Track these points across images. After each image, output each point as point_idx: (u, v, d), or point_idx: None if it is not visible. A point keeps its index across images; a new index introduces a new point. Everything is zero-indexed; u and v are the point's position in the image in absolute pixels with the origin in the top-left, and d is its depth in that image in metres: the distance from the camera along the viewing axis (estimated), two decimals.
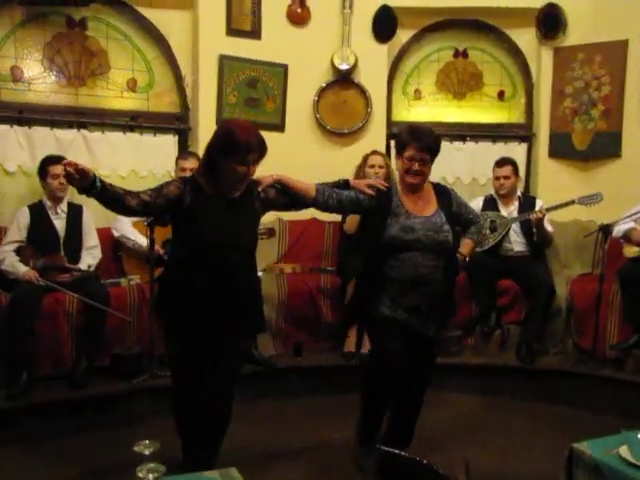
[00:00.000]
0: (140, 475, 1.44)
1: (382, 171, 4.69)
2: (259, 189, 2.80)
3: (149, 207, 2.60)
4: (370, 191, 3.02)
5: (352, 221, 4.41)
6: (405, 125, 3.16)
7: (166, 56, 4.95)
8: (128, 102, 4.89)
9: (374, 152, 4.85)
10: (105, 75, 4.78)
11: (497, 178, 4.76)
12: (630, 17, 5.01)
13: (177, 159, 4.59)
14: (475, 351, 4.62)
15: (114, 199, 2.53)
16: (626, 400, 3.97)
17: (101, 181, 2.45)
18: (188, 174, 4.34)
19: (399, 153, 3.03)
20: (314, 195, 2.93)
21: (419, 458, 1.72)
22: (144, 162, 4.88)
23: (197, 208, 2.64)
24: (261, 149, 2.66)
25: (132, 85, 4.88)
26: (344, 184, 3.08)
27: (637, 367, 4.10)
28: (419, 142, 2.94)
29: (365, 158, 4.79)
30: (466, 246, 3.26)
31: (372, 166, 4.70)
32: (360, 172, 4.75)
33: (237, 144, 2.59)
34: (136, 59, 4.88)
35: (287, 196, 2.91)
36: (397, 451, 1.72)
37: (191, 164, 4.45)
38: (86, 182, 2.41)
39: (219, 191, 2.69)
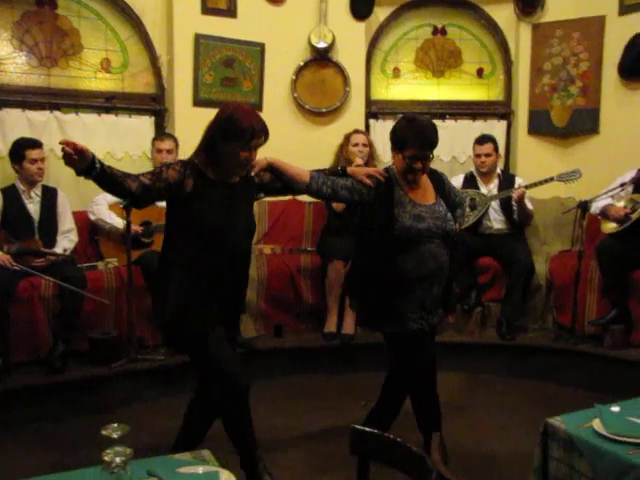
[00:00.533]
0: (106, 459, 1.42)
1: (366, 150, 4.66)
2: (252, 173, 2.72)
3: (149, 191, 2.49)
4: (369, 181, 2.89)
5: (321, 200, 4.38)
6: (400, 118, 2.93)
7: (140, 36, 4.86)
8: (102, 83, 4.80)
9: (356, 131, 4.82)
10: (78, 55, 4.68)
11: (478, 156, 4.75)
12: None
13: (153, 140, 4.56)
14: (456, 329, 4.63)
15: (114, 182, 2.42)
16: (604, 375, 4.02)
17: (100, 162, 2.34)
18: (165, 155, 4.35)
19: (397, 149, 2.85)
20: (308, 181, 2.81)
21: (393, 436, 1.71)
22: (120, 144, 4.81)
23: (200, 193, 2.55)
24: (265, 134, 2.58)
25: (106, 65, 4.80)
26: (342, 172, 2.97)
27: (615, 342, 4.13)
28: (422, 142, 2.79)
29: (347, 137, 4.75)
30: None
31: (355, 144, 4.67)
32: (343, 151, 4.72)
33: (241, 130, 2.51)
34: (109, 39, 4.79)
35: (279, 181, 2.82)
36: (370, 429, 1.72)
37: (167, 145, 4.44)
38: (85, 163, 2.29)
39: (220, 176, 2.62)
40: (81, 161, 2.28)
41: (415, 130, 2.80)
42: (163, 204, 4.31)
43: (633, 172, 4.21)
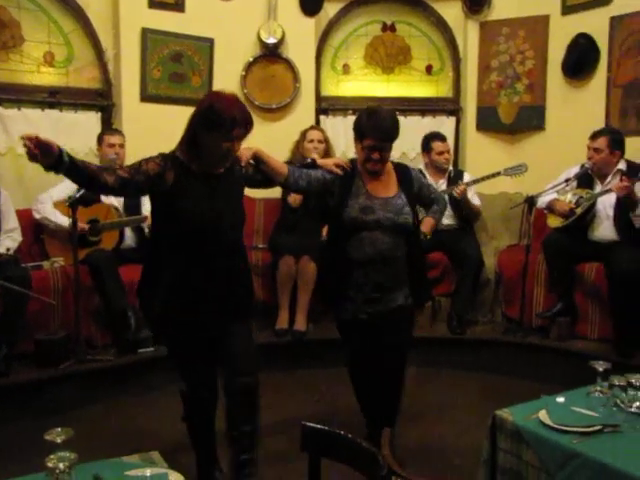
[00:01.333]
0: (50, 465, 1.38)
1: (321, 146, 4.67)
2: (242, 164, 2.66)
3: (127, 184, 2.39)
4: (338, 170, 2.94)
5: (298, 195, 4.38)
6: (364, 109, 2.98)
7: (85, 29, 4.74)
8: (46, 77, 4.67)
9: (312, 127, 4.84)
10: (19, 48, 4.53)
11: (441, 153, 4.80)
12: None
13: (102, 135, 4.44)
14: None
15: (87, 176, 2.32)
16: (550, 366, 4.11)
17: (69, 156, 2.22)
18: (117, 150, 4.27)
19: (358, 139, 2.93)
20: (286, 174, 2.82)
21: (343, 432, 1.71)
22: (65, 140, 4.63)
23: (183, 186, 2.47)
24: (247, 124, 2.50)
25: (49, 59, 4.66)
26: (311, 163, 3.00)
27: (561, 334, 4.23)
28: (379, 133, 2.85)
29: (303, 133, 4.75)
30: (426, 224, 3.15)
31: (311, 141, 4.67)
32: (299, 147, 4.72)
33: (221, 119, 2.42)
34: (52, 31, 4.65)
35: (259, 173, 2.77)
36: (320, 426, 1.72)
37: (119, 140, 4.36)
38: (51, 158, 2.17)
39: (203, 168, 2.53)
40: (46, 156, 2.16)
41: (374, 121, 2.86)
42: (110, 201, 4.27)
43: (577, 167, 4.31)
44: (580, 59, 4.94)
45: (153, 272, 2.61)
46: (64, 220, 4.05)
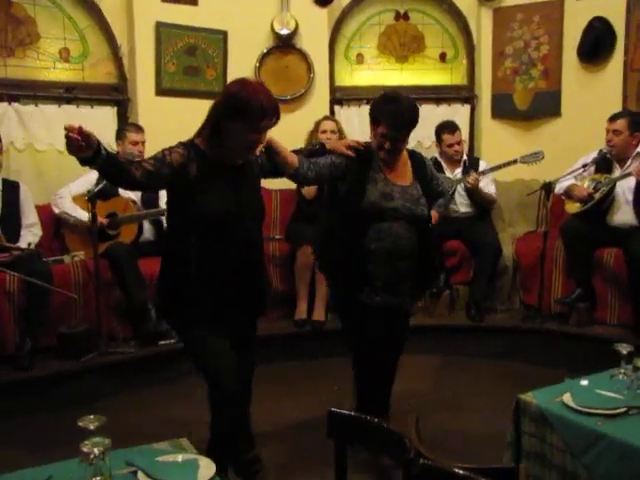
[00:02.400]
0: (85, 450, 1.40)
1: (334, 137, 4.65)
2: (257, 153, 2.55)
3: (153, 177, 2.28)
4: (350, 152, 2.83)
5: (312, 186, 4.37)
6: (381, 94, 2.88)
7: (99, 24, 4.76)
8: (62, 73, 4.71)
9: (325, 117, 4.83)
10: (35, 44, 4.57)
11: (450, 145, 4.75)
12: None
13: (125, 132, 4.38)
14: (425, 312, 4.67)
15: (119, 170, 2.22)
16: (571, 351, 4.10)
17: (105, 148, 2.13)
18: (141, 148, 4.24)
19: (373, 124, 2.84)
20: (297, 166, 2.71)
21: (369, 417, 1.73)
22: None
23: (206, 179, 2.35)
24: (276, 115, 2.36)
25: (65, 55, 4.70)
26: (320, 148, 2.91)
27: (580, 320, 4.22)
28: (395, 122, 2.75)
29: (317, 124, 4.75)
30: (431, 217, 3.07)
31: (324, 132, 4.66)
32: (312, 138, 4.71)
33: (250, 108, 2.28)
34: (67, 27, 4.68)
35: (268, 163, 2.67)
36: (346, 412, 1.73)
37: (142, 138, 4.35)
38: (90, 150, 2.07)
39: (224, 159, 2.41)
40: (87, 148, 2.06)
41: (390, 109, 2.77)
42: (128, 195, 4.29)
43: (594, 154, 4.29)
44: (596, 43, 4.90)
45: (171, 266, 2.52)
46: (83, 214, 4.10)
